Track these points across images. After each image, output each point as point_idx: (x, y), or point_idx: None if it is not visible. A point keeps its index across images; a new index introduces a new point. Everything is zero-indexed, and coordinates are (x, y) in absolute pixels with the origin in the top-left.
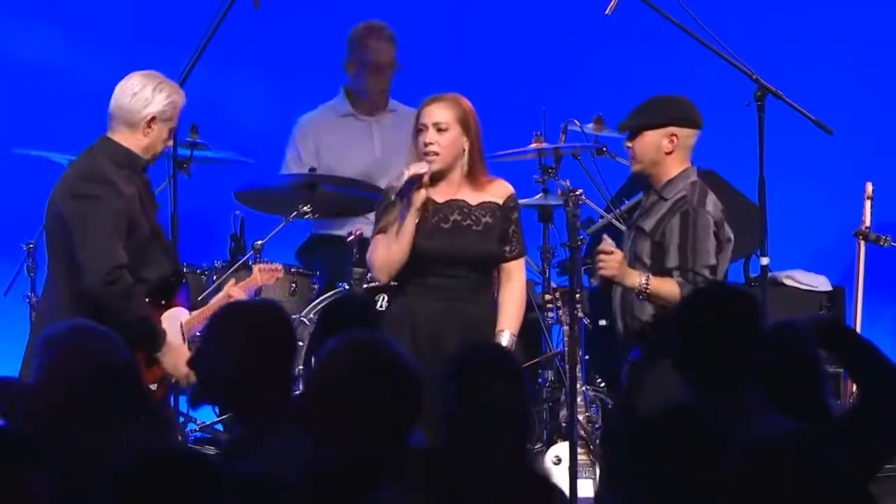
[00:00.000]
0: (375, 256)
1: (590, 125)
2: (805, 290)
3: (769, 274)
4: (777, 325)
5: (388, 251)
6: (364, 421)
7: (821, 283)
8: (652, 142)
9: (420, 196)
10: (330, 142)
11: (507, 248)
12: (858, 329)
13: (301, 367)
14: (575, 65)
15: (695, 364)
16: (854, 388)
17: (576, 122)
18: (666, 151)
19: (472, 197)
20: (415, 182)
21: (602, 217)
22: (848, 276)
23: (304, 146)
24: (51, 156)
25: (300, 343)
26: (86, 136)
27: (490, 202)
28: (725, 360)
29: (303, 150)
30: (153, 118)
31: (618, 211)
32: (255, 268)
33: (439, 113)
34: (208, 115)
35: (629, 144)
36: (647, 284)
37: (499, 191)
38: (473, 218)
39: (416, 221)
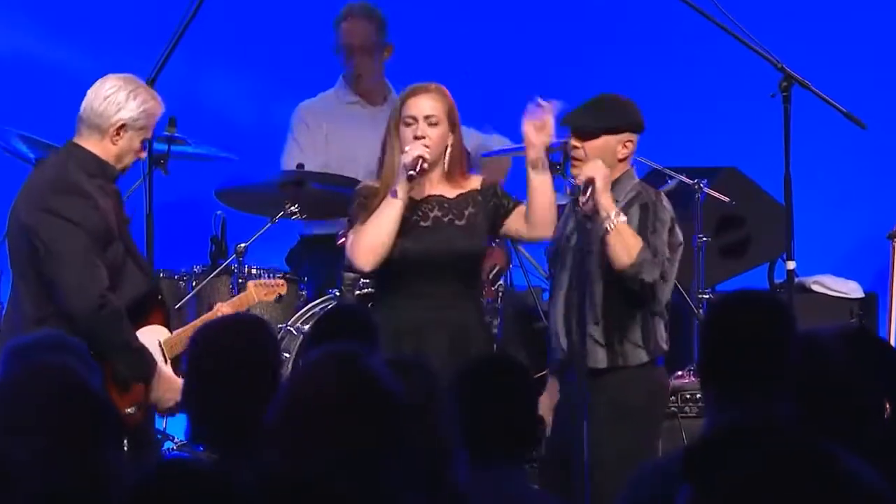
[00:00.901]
0: (360, 240)
1: None
2: (835, 296)
3: (796, 279)
4: (802, 335)
5: (374, 234)
6: (334, 442)
7: (852, 290)
8: (609, 147)
9: (422, 175)
10: (339, 131)
11: (505, 204)
12: (893, 340)
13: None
14: (585, 52)
15: (722, 376)
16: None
17: None
18: (620, 158)
19: (450, 191)
20: (418, 163)
21: None
22: (881, 282)
23: (308, 134)
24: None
25: (286, 355)
26: (63, 129)
27: (468, 191)
28: (756, 373)
29: (306, 139)
30: (123, 125)
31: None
32: (251, 285)
33: (429, 105)
34: (187, 108)
35: (578, 145)
36: (618, 217)
37: (475, 182)
38: (455, 212)
39: (405, 201)
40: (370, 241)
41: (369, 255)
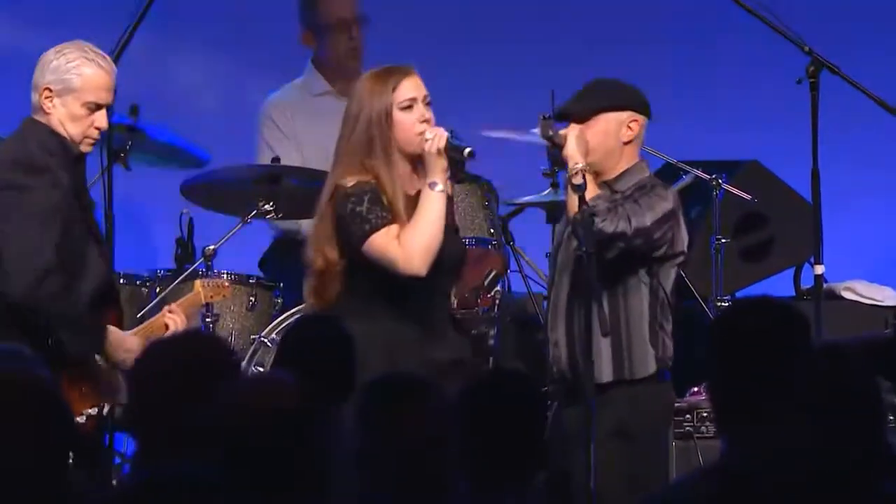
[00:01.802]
0: (416, 242)
1: None
2: (868, 304)
3: (825, 285)
4: (823, 347)
5: (430, 234)
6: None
7: (887, 297)
8: (610, 128)
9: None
10: (312, 126)
11: None
12: None
13: None
14: (591, 35)
15: (730, 394)
16: None
17: None
18: (625, 140)
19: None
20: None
21: None
22: None
23: (279, 133)
24: None
25: (260, 369)
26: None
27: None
28: (765, 389)
29: (277, 139)
30: (48, 89)
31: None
32: (197, 283)
33: (421, 84)
34: (151, 96)
35: (568, 133)
36: (583, 169)
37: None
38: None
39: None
40: (428, 242)
41: (427, 257)
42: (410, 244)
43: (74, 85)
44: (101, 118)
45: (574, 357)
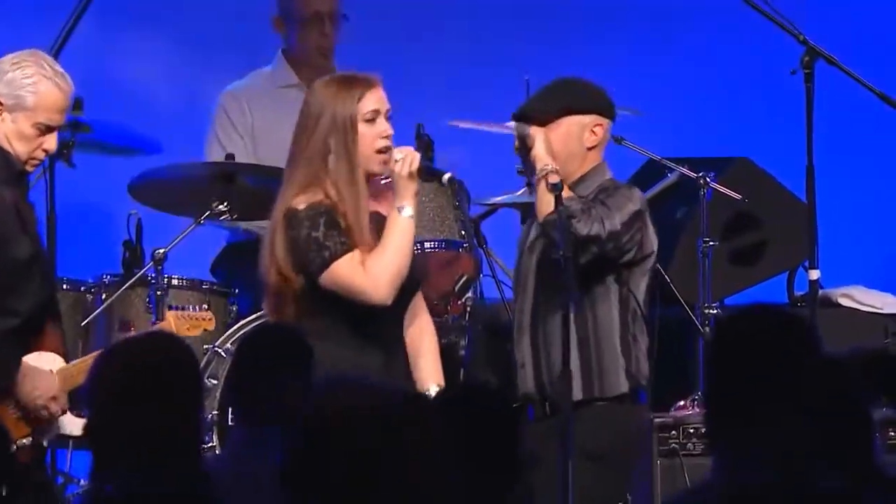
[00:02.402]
0: (382, 271)
1: None
2: (866, 311)
3: (820, 291)
4: (820, 359)
5: (398, 262)
6: None
7: (887, 304)
8: (573, 132)
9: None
10: (270, 120)
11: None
12: None
13: (215, 412)
14: (570, 21)
15: (728, 405)
16: None
17: None
18: (588, 146)
19: (383, 207)
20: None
21: None
22: None
23: (232, 127)
24: None
25: (213, 382)
26: None
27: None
28: (767, 400)
29: (229, 133)
30: None
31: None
32: (171, 317)
33: (384, 97)
34: (97, 88)
35: (529, 133)
36: (553, 171)
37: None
38: None
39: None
40: (396, 271)
41: (394, 286)
42: (378, 273)
43: (28, 103)
44: (50, 141)
45: (541, 378)
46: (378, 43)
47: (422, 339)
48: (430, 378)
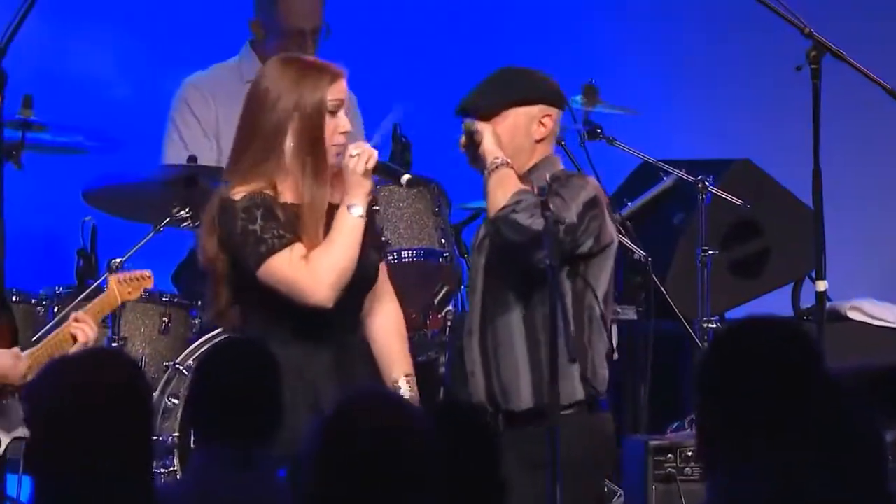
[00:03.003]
0: (325, 270)
1: (578, 98)
2: (878, 326)
3: (828, 304)
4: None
5: (342, 262)
6: None
7: None
8: (520, 123)
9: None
10: (234, 117)
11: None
12: None
13: (176, 434)
14: (557, 14)
15: (721, 426)
16: None
17: None
18: (537, 138)
19: (337, 197)
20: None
21: None
22: None
23: (194, 121)
24: None
25: (174, 401)
26: None
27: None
28: (768, 420)
29: (191, 127)
30: None
31: (618, 216)
32: (112, 279)
33: (345, 88)
34: (48, 85)
35: (477, 129)
36: (504, 163)
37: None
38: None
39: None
40: (340, 271)
41: (337, 288)
42: (320, 271)
43: None
44: None
45: (492, 388)
46: (353, 40)
47: (387, 327)
48: (396, 367)
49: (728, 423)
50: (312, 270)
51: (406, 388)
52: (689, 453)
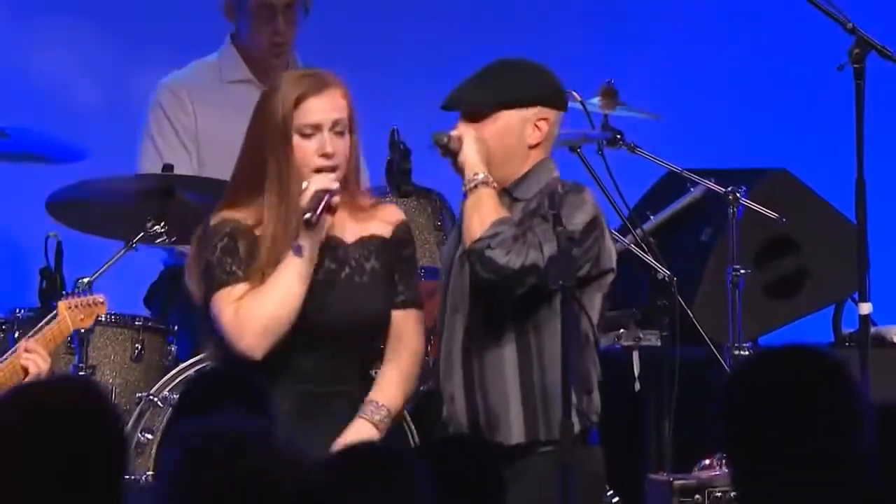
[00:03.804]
0: (251, 317)
1: (596, 100)
2: None
3: (872, 329)
4: (882, 409)
5: (273, 310)
6: None
7: None
8: (512, 127)
9: (327, 222)
10: (218, 120)
11: (395, 295)
12: None
13: (150, 472)
14: (573, 9)
15: (753, 469)
16: None
17: (574, 94)
18: (531, 143)
19: (347, 231)
20: (325, 201)
21: (615, 241)
22: None
23: (170, 126)
24: None
25: (149, 436)
26: None
27: (372, 236)
28: (802, 463)
29: (168, 133)
30: None
31: (640, 232)
32: (62, 306)
33: (335, 105)
34: (7, 86)
35: (463, 133)
36: (484, 182)
37: (385, 218)
38: (353, 264)
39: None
40: (267, 319)
41: (264, 339)
42: (244, 318)
43: None
44: None
45: (476, 414)
46: (352, 41)
47: (387, 375)
48: (375, 392)
49: (757, 464)
50: (238, 316)
51: (360, 429)
52: (719, 494)
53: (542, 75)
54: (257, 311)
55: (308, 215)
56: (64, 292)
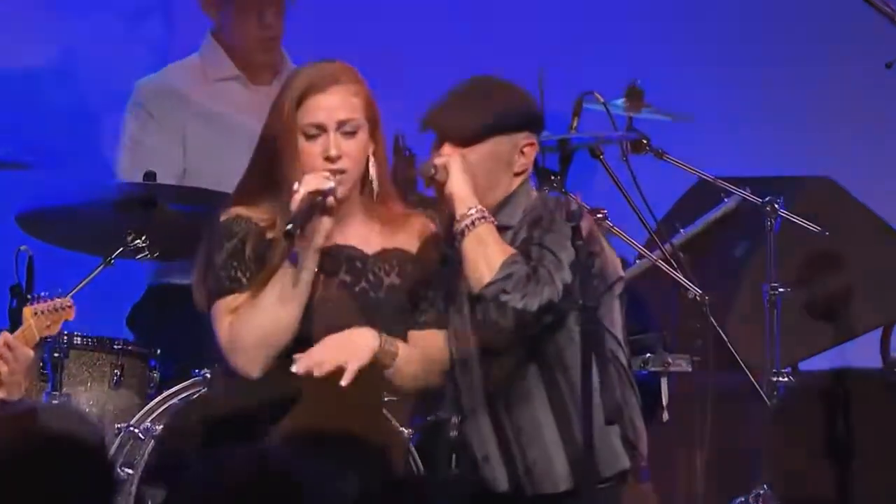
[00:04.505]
0: (245, 331)
1: (620, 101)
2: None
3: None
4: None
5: (267, 325)
6: None
7: None
8: (502, 154)
9: (324, 226)
10: (205, 123)
11: (415, 317)
12: None
13: None
14: (597, 5)
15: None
16: None
17: (597, 95)
18: (517, 171)
19: (370, 241)
20: (316, 205)
21: (641, 256)
22: None
23: (153, 131)
24: None
25: (128, 471)
26: None
27: (399, 250)
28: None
29: (151, 138)
30: None
31: (668, 247)
32: (27, 312)
33: (344, 103)
34: None
35: (449, 154)
36: (482, 219)
37: (414, 230)
38: (371, 277)
39: (316, 269)
40: (258, 340)
41: (257, 357)
42: (237, 334)
43: None
44: None
45: (516, 473)
46: (353, 40)
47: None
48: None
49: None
50: (231, 331)
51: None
52: None
53: (526, 98)
54: (248, 329)
55: (289, 226)
56: (28, 296)
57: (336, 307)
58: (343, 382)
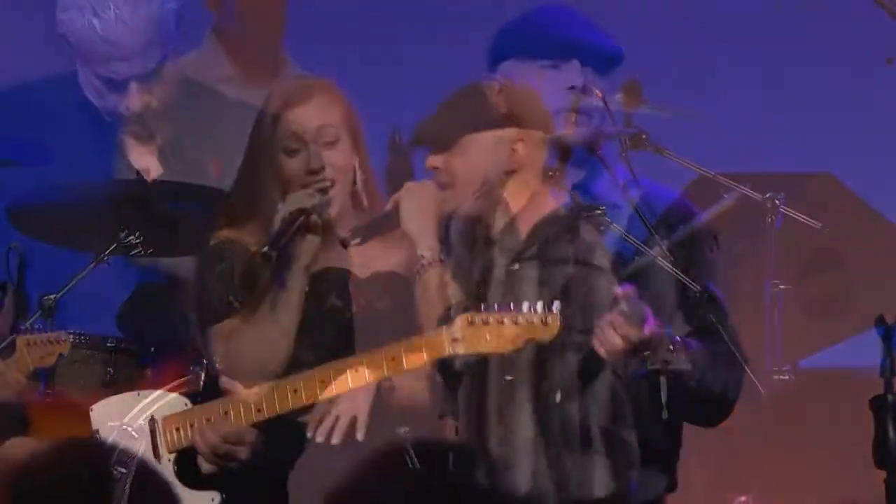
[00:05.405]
0: (238, 358)
1: (618, 96)
2: None
3: None
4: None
5: (262, 345)
6: None
7: None
8: (481, 154)
9: (310, 245)
10: (196, 127)
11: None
12: None
13: None
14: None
15: None
16: None
17: (595, 90)
18: (507, 169)
19: (363, 262)
20: (299, 224)
21: (639, 253)
22: None
23: (144, 133)
24: None
25: (122, 471)
26: None
27: (392, 273)
28: None
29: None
30: None
31: (666, 243)
32: (20, 342)
33: (320, 112)
34: None
35: (436, 166)
36: (434, 263)
37: (408, 248)
38: (363, 302)
39: (306, 289)
40: (253, 364)
41: (256, 380)
42: (233, 359)
43: None
44: None
45: (548, 481)
46: (352, 41)
47: None
48: None
49: None
50: (228, 356)
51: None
52: None
53: (517, 94)
54: (243, 355)
55: (265, 249)
56: (23, 327)
57: (324, 331)
58: (359, 438)
